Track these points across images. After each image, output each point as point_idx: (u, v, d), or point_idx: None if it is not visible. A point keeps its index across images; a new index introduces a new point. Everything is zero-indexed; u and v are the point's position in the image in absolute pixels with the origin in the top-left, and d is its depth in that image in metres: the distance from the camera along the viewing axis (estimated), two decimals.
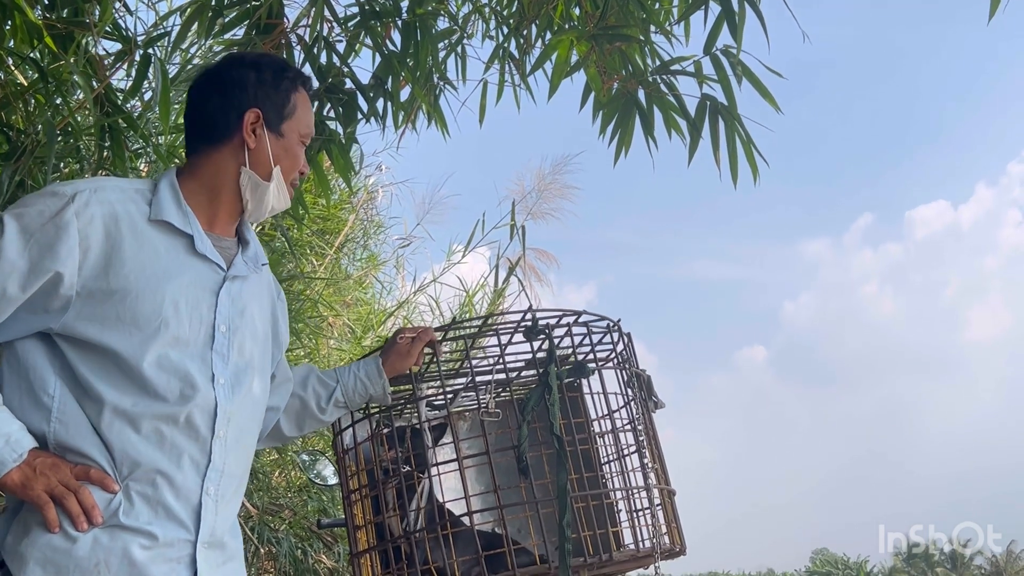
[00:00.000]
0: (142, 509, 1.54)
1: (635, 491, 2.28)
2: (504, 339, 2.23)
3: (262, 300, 1.85)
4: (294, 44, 3.13)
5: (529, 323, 2.19)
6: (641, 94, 3.10)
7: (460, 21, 3.51)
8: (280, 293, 1.98)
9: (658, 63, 3.15)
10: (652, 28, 3.18)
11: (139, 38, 3.07)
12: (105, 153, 3.14)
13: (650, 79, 3.09)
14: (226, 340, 1.68)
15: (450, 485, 2.26)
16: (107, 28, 2.94)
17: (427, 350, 2.13)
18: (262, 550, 4.76)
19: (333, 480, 3.05)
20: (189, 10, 3.06)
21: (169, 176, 1.72)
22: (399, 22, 3.14)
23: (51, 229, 1.53)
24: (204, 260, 1.68)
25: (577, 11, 3.34)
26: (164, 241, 1.64)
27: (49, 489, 1.49)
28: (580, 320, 2.25)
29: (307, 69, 3.17)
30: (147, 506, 1.54)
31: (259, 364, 1.78)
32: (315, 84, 1.92)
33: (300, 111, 1.81)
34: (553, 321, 2.21)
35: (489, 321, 2.25)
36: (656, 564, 2.19)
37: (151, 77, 2.86)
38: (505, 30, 3.45)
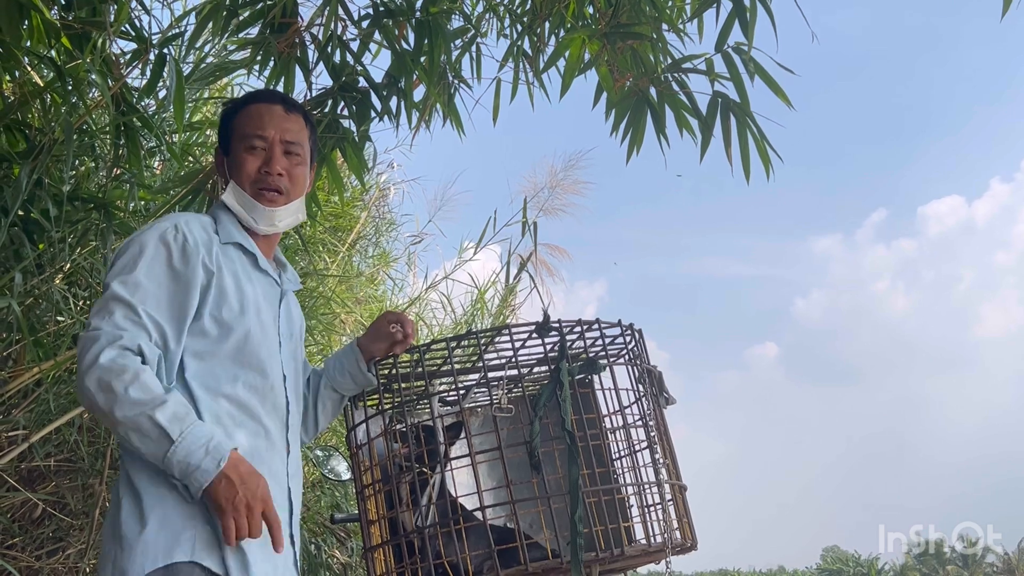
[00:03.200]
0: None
1: (646, 486, 2.29)
2: (518, 339, 2.25)
3: (299, 314, 2.15)
4: (308, 43, 3.16)
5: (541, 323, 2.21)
6: (653, 92, 3.11)
7: (474, 20, 3.52)
8: (301, 312, 2.23)
9: (670, 61, 3.16)
10: (664, 26, 3.19)
11: (154, 37, 3.09)
12: (120, 151, 3.17)
13: (662, 77, 3.11)
14: (288, 346, 1.98)
15: (462, 480, 2.27)
16: (123, 28, 2.96)
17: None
18: None
19: (346, 475, 3.07)
20: (205, 9, 3.08)
21: (222, 207, 1.99)
22: (413, 21, 3.15)
23: None
24: (266, 275, 1.99)
25: (590, 9, 3.35)
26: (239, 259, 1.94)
27: (246, 500, 1.64)
28: (594, 327, 2.27)
29: (321, 67, 3.19)
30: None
31: (300, 367, 2.09)
32: (274, 93, 2.20)
33: (239, 125, 2.02)
34: (567, 328, 2.22)
35: (503, 332, 2.27)
36: (667, 559, 2.20)
37: (165, 76, 2.88)
38: (519, 28, 3.46)
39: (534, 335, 2.24)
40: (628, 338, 2.34)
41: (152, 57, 2.91)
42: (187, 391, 1.74)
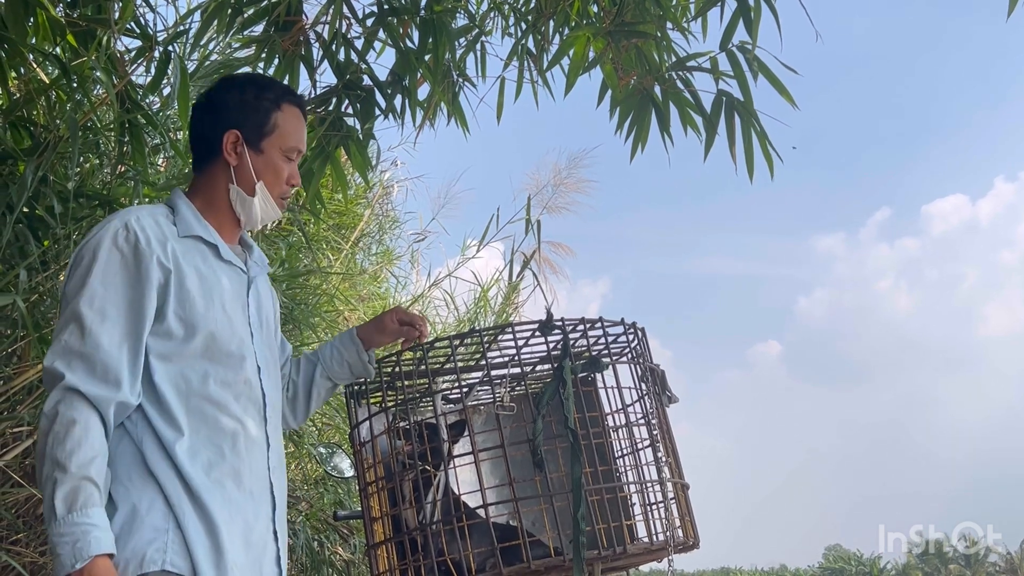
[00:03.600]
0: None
1: (649, 484, 2.30)
2: (521, 337, 2.25)
3: (271, 297, 2.05)
4: (312, 41, 3.16)
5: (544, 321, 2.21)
6: (657, 90, 3.11)
7: (478, 18, 3.53)
8: (275, 292, 2.15)
9: (674, 59, 3.16)
10: (668, 24, 3.19)
11: (159, 35, 3.10)
12: (125, 148, 3.17)
13: (666, 75, 3.11)
14: (260, 335, 1.91)
15: (465, 478, 2.28)
16: (128, 25, 2.97)
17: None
18: None
19: (349, 473, 3.08)
20: (210, 7, 3.08)
21: (180, 196, 1.91)
22: (417, 19, 3.15)
23: None
24: (230, 265, 1.89)
25: (594, 8, 3.35)
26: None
27: None
28: (596, 325, 2.27)
29: (325, 65, 3.20)
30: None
31: (275, 355, 2.01)
32: (303, 98, 2.07)
33: (283, 127, 1.93)
34: (570, 327, 2.23)
35: (507, 331, 2.28)
36: (670, 557, 2.21)
37: (170, 74, 2.88)
38: (523, 27, 3.46)
39: (537, 333, 2.24)
40: (631, 336, 2.35)
41: (157, 55, 2.91)
42: (155, 396, 1.70)
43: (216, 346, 1.77)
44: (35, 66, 3.11)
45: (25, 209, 2.86)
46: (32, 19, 2.77)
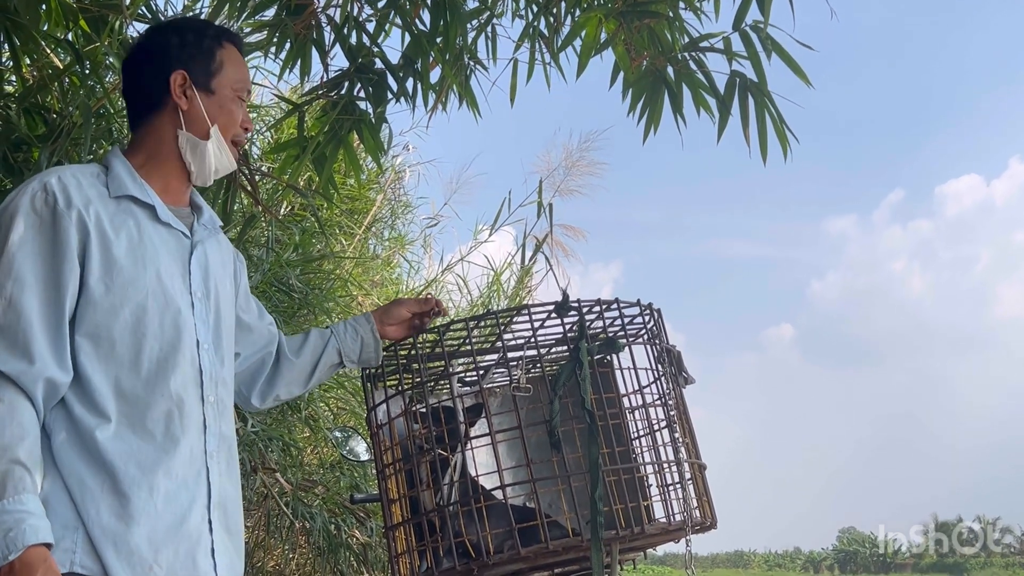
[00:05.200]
0: None
1: (666, 465, 2.30)
2: (537, 319, 2.25)
3: (225, 261, 1.89)
4: (324, 25, 3.15)
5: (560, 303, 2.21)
6: (670, 71, 3.10)
7: (489, 0, 3.51)
8: (239, 255, 2.02)
9: (687, 40, 3.14)
10: (681, 4, 3.17)
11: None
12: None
13: (679, 56, 3.09)
14: (205, 304, 1.74)
15: (482, 460, 2.29)
16: (139, 10, 2.97)
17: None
18: (296, 525, 4.82)
19: (365, 456, 3.09)
20: None
21: (116, 154, 1.75)
22: (428, 1, 3.14)
23: None
24: (169, 228, 1.72)
25: None
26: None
27: None
28: (612, 306, 2.27)
29: (337, 49, 3.19)
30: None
31: (229, 325, 1.84)
32: (241, 38, 1.94)
33: (229, 66, 1.80)
34: (586, 308, 2.23)
35: (523, 313, 2.28)
36: (687, 537, 2.21)
37: None
38: (534, 9, 3.45)
39: (553, 315, 2.24)
40: (647, 318, 2.34)
41: None
42: (77, 378, 1.55)
43: (147, 318, 1.61)
44: (48, 52, 3.11)
45: None
46: (44, 5, 2.77)
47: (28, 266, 1.53)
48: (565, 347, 2.33)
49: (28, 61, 3.01)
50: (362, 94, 3.22)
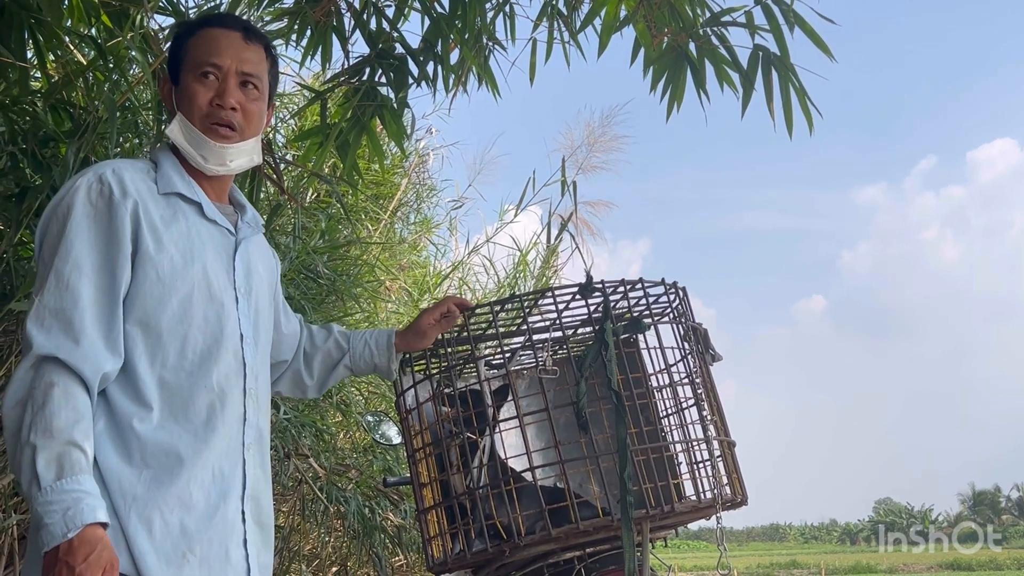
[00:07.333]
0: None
1: (695, 443, 2.30)
2: (561, 301, 2.26)
3: (266, 260, 1.95)
4: (344, 11, 3.15)
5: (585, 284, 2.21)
6: (692, 47, 3.07)
7: None
8: (275, 255, 2.06)
9: (708, 15, 3.11)
10: None
11: (191, 12, 3.11)
12: (163, 127, 3.20)
13: (700, 31, 3.06)
14: (248, 301, 1.79)
15: (511, 442, 2.30)
16: (160, 3, 2.99)
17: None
18: (331, 509, 4.87)
19: (397, 440, 3.11)
20: None
21: (165, 151, 1.80)
22: None
23: None
24: (215, 225, 1.77)
25: None
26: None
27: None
28: (637, 286, 2.27)
29: (357, 35, 3.19)
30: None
31: (267, 322, 1.89)
32: (229, 16, 1.96)
33: (193, 50, 1.79)
34: (610, 288, 2.23)
35: (547, 295, 2.28)
36: (718, 514, 2.21)
37: None
38: None
39: (577, 297, 2.25)
40: (672, 296, 2.34)
41: None
42: (127, 361, 1.58)
43: (194, 311, 1.65)
44: (72, 48, 3.14)
45: None
46: (67, 2, 2.79)
47: (85, 253, 1.57)
48: (590, 328, 2.33)
49: (52, 58, 3.04)
50: (383, 80, 3.22)
